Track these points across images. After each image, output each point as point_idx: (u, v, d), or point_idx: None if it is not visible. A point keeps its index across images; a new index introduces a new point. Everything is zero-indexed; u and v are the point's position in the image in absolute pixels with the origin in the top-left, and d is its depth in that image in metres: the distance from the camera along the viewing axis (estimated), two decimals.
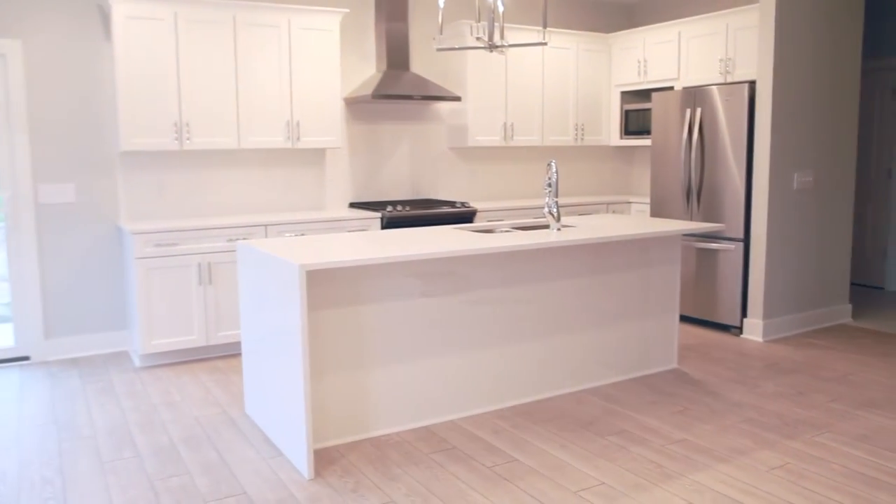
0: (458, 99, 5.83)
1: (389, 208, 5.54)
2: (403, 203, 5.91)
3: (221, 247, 4.89)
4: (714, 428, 3.63)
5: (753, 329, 5.31)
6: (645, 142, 6.70)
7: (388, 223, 5.47)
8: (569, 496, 2.92)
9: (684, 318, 5.86)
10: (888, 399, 4.03)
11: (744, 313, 5.38)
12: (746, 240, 5.34)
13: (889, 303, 6.45)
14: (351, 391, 3.49)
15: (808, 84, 5.31)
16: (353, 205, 5.95)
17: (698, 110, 5.57)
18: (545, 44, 3.92)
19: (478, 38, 4.13)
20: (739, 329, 5.41)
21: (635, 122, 6.80)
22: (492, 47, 4.12)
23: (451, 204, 5.89)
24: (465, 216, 5.83)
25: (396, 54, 5.91)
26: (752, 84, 5.30)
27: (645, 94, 6.93)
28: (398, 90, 5.62)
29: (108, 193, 5.09)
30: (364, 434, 3.55)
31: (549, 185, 4.16)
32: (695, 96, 5.60)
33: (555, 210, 4.12)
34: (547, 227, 4.51)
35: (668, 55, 6.36)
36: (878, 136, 6.96)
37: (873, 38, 6.91)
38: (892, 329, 5.55)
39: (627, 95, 6.97)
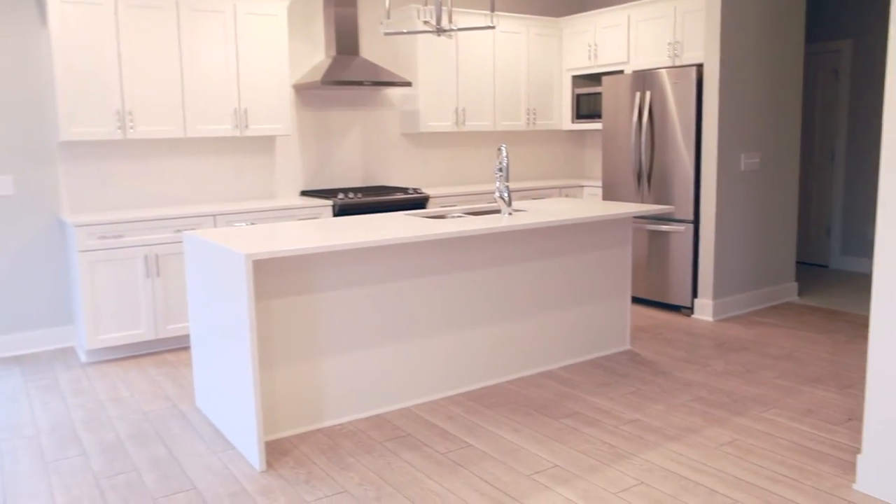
0: (408, 84, 5.78)
1: (341, 196, 5.48)
2: (355, 190, 5.85)
3: (168, 238, 4.78)
4: (665, 407, 3.68)
5: (704, 309, 5.39)
6: (596, 125, 6.74)
7: (340, 211, 5.41)
8: (522, 479, 2.93)
9: (637, 300, 5.94)
10: (832, 374, 4.14)
11: (694, 294, 5.47)
12: (696, 221, 5.42)
13: (833, 280, 6.61)
14: (303, 381, 3.45)
15: (754, 67, 5.39)
16: (304, 193, 5.87)
17: (648, 94, 5.61)
18: (493, 27, 3.89)
19: (425, 22, 4.09)
20: (690, 309, 5.50)
21: (587, 106, 6.83)
22: (440, 31, 4.09)
23: (404, 190, 5.85)
24: (417, 202, 5.80)
25: (346, 40, 5.83)
26: (700, 67, 5.35)
27: (596, 78, 6.96)
28: (348, 76, 5.55)
29: (48, 185, 4.93)
30: (317, 424, 3.51)
31: (500, 170, 4.15)
32: (644, 80, 5.64)
33: (506, 195, 4.11)
34: (499, 211, 4.51)
35: (618, 39, 6.40)
36: (821, 117, 7.11)
37: (815, 22, 7.04)
38: (836, 306, 5.70)
39: (579, 79, 6.99)
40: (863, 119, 6.78)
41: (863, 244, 6.88)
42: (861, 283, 6.44)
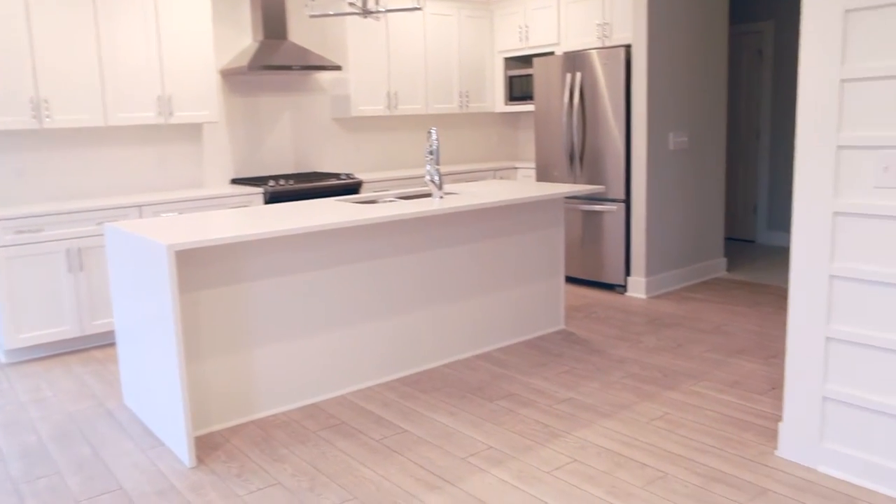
0: (338, 68, 5.69)
1: (272, 183, 5.37)
2: (287, 177, 5.75)
3: (91, 231, 4.61)
4: (599, 385, 3.73)
5: (637, 287, 5.49)
6: (529, 107, 6.76)
7: (271, 198, 5.31)
8: (457, 463, 2.93)
9: (572, 280, 6.01)
10: (758, 345, 4.26)
11: (627, 272, 5.56)
12: (628, 201, 5.50)
13: (760, 255, 6.81)
14: (233, 373, 3.38)
15: (680, 48, 5.47)
16: (234, 181, 5.74)
17: (578, 75, 5.65)
18: (419, 9, 3.85)
19: (351, 4, 4.02)
20: (624, 287, 5.59)
21: (519, 88, 6.84)
22: (366, 13, 4.02)
23: (336, 176, 5.77)
24: (350, 188, 5.73)
25: (273, 23, 5.70)
26: (629, 48, 5.41)
27: (528, 60, 6.98)
28: (276, 61, 5.43)
29: None
30: (249, 416, 3.45)
31: (431, 153, 4.12)
32: (575, 61, 5.68)
33: (437, 178, 4.09)
34: (430, 195, 4.48)
35: (548, 20, 6.42)
36: (746, 97, 7.29)
37: (738, 4, 7.19)
38: (762, 279, 5.87)
39: (511, 61, 7.00)
40: (786, 98, 6.98)
41: (787, 219, 7.10)
42: (786, 257, 6.65)
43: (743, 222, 7.46)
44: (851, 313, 2.68)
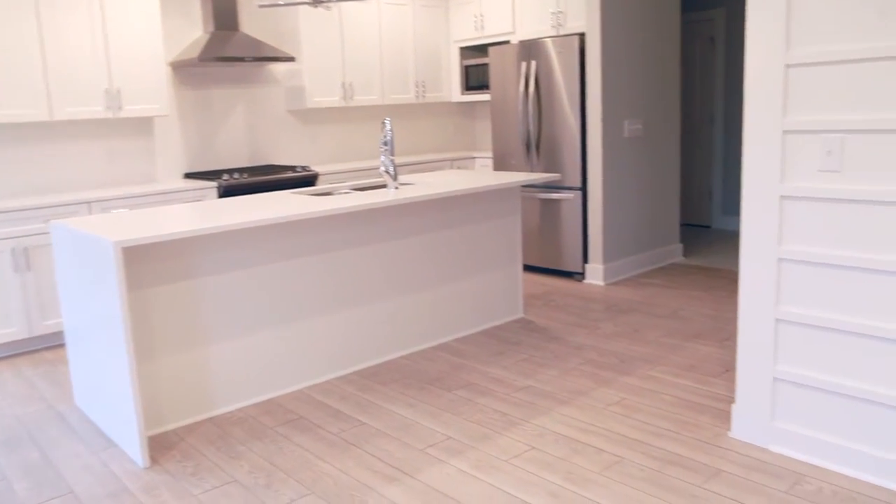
0: (291, 59, 5.61)
1: (226, 177, 5.29)
2: (241, 170, 5.66)
3: (39, 229, 4.48)
4: (557, 372, 3.75)
5: (594, 274, 5.53)
6: (486, 97, 6.75)
7: (226, 192, 5.23)
8: (415, 454, 2.93)
9: (530, 268, 6.03)
10: (713, 329, 4.33)
11: (585, 259, 5.60)
12: (584, 188, 5.53)
13: (715, 240, 6.91)
14: (188, 370, 3.32)
15: (634, 36, 5.51)
16: (188, 175, 5.63)
17: (533, 63, 5.65)
18: None
19: None
20: (582, 275, 5.63)
21: (475, 78, 6.83)
22: (316, 3, 3.97)
23: (292, 168, 5.70)
24: (306, 180, 5.67)
25: (224, 14, 5.59)
26: (583, 36, 5.43)
27: (483, 49, 6.97)
28: (227, 52, 5.33)
29: None
30: (205, 413, 3.39)
31: (385, 144, 4.09)
32: (530, 49, 5.68)
33: (391, 169, 4.06)
34: (385, 186, 4.45)
35: (503, 9, 6.41)
36: (700, 83, 7.37)
37: None
38: (717, 264, 5.96)
39: (466, 51, 6.98)
40: (738, 84, 7.08)
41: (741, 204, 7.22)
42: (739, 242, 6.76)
43: (698, 208, 7.57)
44: (800, 295, 2.73)
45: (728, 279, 5.45)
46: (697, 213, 7.58)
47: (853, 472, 2.64)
